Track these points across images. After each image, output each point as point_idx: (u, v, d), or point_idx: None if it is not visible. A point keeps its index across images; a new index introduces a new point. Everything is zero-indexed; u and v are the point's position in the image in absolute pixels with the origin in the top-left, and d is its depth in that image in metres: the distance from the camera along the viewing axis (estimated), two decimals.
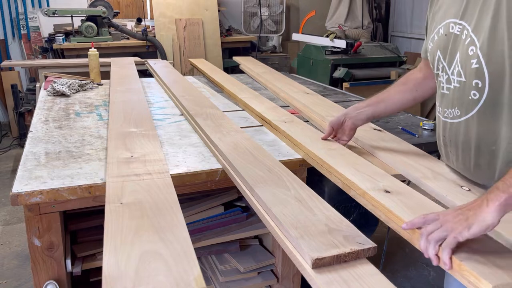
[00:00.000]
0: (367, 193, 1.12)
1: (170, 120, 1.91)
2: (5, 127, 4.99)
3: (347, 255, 0.88)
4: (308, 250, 0.87)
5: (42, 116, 1.93)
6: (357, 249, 0.89)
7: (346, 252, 0.87)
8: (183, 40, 5.07)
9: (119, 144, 1.47)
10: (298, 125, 1.71)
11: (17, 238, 2.87)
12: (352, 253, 0.88)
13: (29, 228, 1.26)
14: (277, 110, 1.94)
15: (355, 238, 0.93)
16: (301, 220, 0.99)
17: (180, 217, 1.00)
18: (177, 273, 0.80)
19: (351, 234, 0.94)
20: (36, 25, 5.12)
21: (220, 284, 1.65)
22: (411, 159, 1.38)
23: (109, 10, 4.65)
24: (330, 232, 0.94)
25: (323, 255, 0.86)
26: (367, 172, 1.25)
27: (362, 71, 4.14)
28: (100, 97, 2.32)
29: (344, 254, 0.87)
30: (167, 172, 1.26)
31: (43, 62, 3.79)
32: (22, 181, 1.25)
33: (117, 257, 0.84)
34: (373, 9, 6.12)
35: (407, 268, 2.57)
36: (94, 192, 1.26)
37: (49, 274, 1.30)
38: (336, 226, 0.97)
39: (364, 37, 5.36)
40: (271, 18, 5.67)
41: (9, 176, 3.80)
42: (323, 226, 0.97)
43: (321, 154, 1.39)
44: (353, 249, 0.88)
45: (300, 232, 0.94)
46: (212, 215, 1.63)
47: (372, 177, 1.21)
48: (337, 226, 0.97)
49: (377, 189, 1.13)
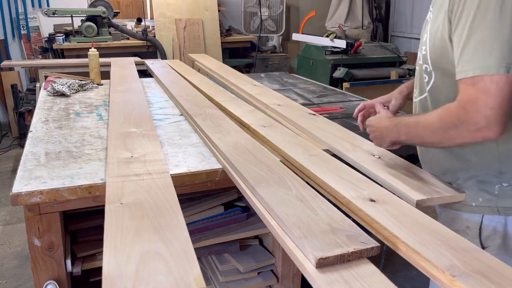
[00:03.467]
0: (352, 202, 1.10)
1: (170, 120, 1.91)
2: (5, 127, 4.99)
3: (351, 255, 0.87)
4: (311, 249, 0.87)
5: (42, 116, 1.93)
6: (360, 248, 0.88)
7: (350, 251, 0.87)
8: (183, 40, 5.07)
9: (119, 144, 1.47)
10: (277, 130, 1.66)
11: (17, 238, 2.87)
12: (355, 252, 0.88)
13: (29, 228, 1.26)
14: (256, 114, 1.87)
15: (358, 237, 0.92)
16: (304, 220, 0.98)
17: (180, 217, 1.00)
18: (177, 273, 0.80)
19: (354, 234, 0.94)
20: (36, 25, 5.12)
21: (220, 284, 1.65)
22: (336, 136, 1.59)
23: (109, 10, 4.65)
24: (333, 232, 0.94)
25: (327, 255, 0.85)
26: (351, 179, 1.22)
27: (362, 71, 4.14)
28: (100, 97, 2.32)
29: (347, 253, 0.87)
30: (167, 172, 1.26)
31: (43, 62, 3.79)
32: (22, 181, 1.25)
33: (117, 257, 0.84)
34: (373, 9, 6.12)
35: (407, 268, 2.56)
36: (94, 192, 1.25)
37: (49, 274, 1.30)
38: (339, 225, 0.97)
39: (364, 37, 5.37)
40: (271, 18, 5.68)
41: (9, 176, 3.80)
42: (326, 225, 0.97)
43: (301, 159, 1.35)
44: (356, 248, 0.88)
45: (303, 232, 0.93)
46: (212, 215, 1.63)
47: (356, 184, 1.19)
48: (340, 226, 0.97)
49: (362, 198, 1.11)
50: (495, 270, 0.83)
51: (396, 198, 1.13)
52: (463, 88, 0.99)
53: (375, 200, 1.10)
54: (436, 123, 1.05)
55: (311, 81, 3.01)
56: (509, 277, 0.81)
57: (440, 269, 0.84)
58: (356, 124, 1.52)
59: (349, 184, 1.19)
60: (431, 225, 0.99)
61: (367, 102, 1.50)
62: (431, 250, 0.89)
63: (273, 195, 1.10)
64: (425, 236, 0.94)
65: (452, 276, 0.82)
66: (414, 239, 0.93)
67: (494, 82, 0.94)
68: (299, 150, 1.44)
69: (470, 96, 0.97)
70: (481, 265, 0.85)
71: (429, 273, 0.87)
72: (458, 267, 0.84)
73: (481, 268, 0.84)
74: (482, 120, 0.95)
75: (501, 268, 0.84)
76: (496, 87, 0.94)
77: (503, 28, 0.95)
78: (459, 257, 0.87)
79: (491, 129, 0.95)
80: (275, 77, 3.09)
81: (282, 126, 1.74)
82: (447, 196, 1.16)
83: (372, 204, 1.08)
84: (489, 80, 0.94)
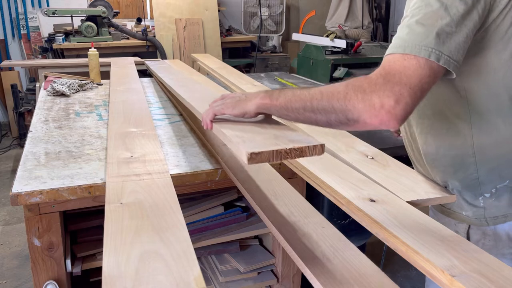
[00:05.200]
0: (352, 203, 1.09)
1: (170, 120, 1.91)
2: (5, 127, 4.98)
3: (289, 152, 0.82)
4: (244, 148, 0.82)
5: (42, 116, 1.93)
6: (300, 146, 0.82)
7: (288, 147, 0.82)
8: (183, 40, 5.07)
9: (119, 144, 1.47)
10: None
11: (17, 238, 2.87)
12: (295, 149, 0.82)
13: (29, 228, 1.26)
14: None
15: (302, 140, 0.86)
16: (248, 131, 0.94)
17: (180, 217, 1.00)
18: (177, 273, 0.80)
19: (301, 139, 0.88)
20: (36, 25, 5.12)
21: (220, 284, 1.65)
22: (330, 136, 1.55)
23: (109, 10, 4.65)
24: (276, 138, 0.88)
25: (259, 150, 0.80)
26: (350, 179, 1.21)
27: (362, 71, 4.13)
28: (100, 97, 2.32)
29: (285, 150, 0.81)
30: (167, 172, 1.26)
31: (43, 62, 3.79)
32: (22, 181, 1.25)
33: (117, 257, 0.84)
34: (373, 9, 6.12)
35: (407, 268, 2.56)
36: (94, 192, 1.25)
37: (49, 274, 1.30)
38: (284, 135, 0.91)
39: (364, 37, 5.36)
40: (271, 18, 5.67)
41: (9, 176, 3.80)
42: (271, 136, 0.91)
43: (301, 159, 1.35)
44: (296, 146, 0.82)
45: (243, 139, 0.88)
46: (212, 215, 1.63)
47: (356, 184, 1.18)
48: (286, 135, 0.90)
49: (362, 198, 1.10)
50: (495, 270, 0.83)
51: (396, 198, 1.12)
52: (388, 60, 0.91)
53: (375, 200, 1.09)
54: (338, 88, 0.91)
55: (311, 81, 3.01)
56: (509, 277, 0.81)
57: (440, 269, 0.84)
58: None
59: (349, 184, 1.18)
60: (431, 225, 0.99)
61: None
62: (431, 250, 0.89)
63: None
64: (425, 236, 0.94)
65: (451, 276, 0.81)
66: (414, 239, 0.93)
67: (421, 64, 0.87)
68: None
69: (392, 68, 0.88)
70: (481, 265, 0.85)
71: (428, 273, 0.87)
72: (458, 267, 0.84)
73: (481, 268, 0.83)
74: (393, 95, 0.85)
75: (501, 268, 0.84)
76: (423, 69, 0.87)
77: (443, 17, 0.90)
78: (459, 257, 0.87)
79: (396, 109, 0.84)
80: (275, 77, 3.09)
81: None
82: (438, 197, 1.15)
83: (372, 204, 1.07)
84: (420, 61, 0.87)
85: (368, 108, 0.85)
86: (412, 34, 0.91)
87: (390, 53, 0.92)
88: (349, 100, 0.87)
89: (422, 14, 0.92)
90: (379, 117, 0.85)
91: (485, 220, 1.12)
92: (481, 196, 1.11)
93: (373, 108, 0.85)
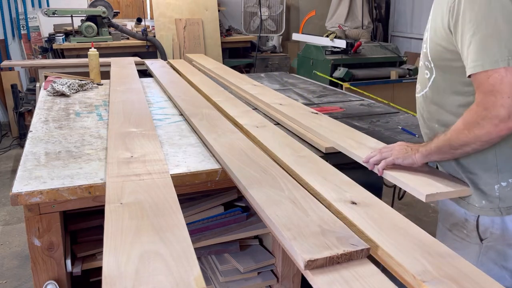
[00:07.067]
0: (332, 205, 1.10)
1: (170, 120, 1.91)
2: (5, 127, 4.98)
3: (340, 257, 0.87)
4: (300, 252, 0.87)
5: (42, 116, 1.93)
6: (350, 250, 0.88)
7: (339, 253, 0.87)
8: (183, 40, 5.07)
9: (119, 144, 1.47)
10: (269, 131, 1.65)
11: (17, 238, 2.86)
12: (345, 254, 0.87)
13: (29, 228, 1.25)
14: (251, 114, 1.87)
15: (348, 239, 0.92)
16: (295, 221, 0.98)
17: (180, 217, 1.00)
18: (177, 273, 0.80)
19: (345, 236, 0.93)
20: (36, 25, 5.12)
21: (220, 284, 1.65)
22: (341, 134, 1.59)
23: (109, 10, 4.65)
24: (323, 234, 0.94)
25: (315, 257, 0.85)
26: (335, 181, 1.22)
27: (362, 71, 4.14)
28: (100, 97, 2.32)
29: (337, 255, 0.86)
30: (167, 172, 1.26)
31: (43, 62, 3.79)
32: (22, 181, 1.25)
33: (117, 257, 0.84)
34: (373, 9, 6.12)
35: None
36: (94, 192, 1.25)
37: (49, 274, 1.30)
38: (329, 227, 0.97)
39: (364, 37, 5.36)
40: (271, 18, 5.67)
41: (9, 176, 3.80)
42: (316, 227, 0.96)
43: (289, 161, 1.36)
44: (346, 250, 0.87)
45: (293, 234, 0.93)
46: (212, 215, 1.63)
47: (340, 187, 1.19)
48: (330, 227, 0.96)
49: (343, 200, 1.11)
50: (468, 277, 0.82)
51: (378, 201, 1.12)
52: (477, 84, 1.03)
53: (357, 203, 1.10)
54: (460, 126, 1.08)
55: (311, 81, 3.01)
56: (482, 284, 0.80)
57: (411, 273, 0.83)
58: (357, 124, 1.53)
59: (333, 186, 1.19)
60: (410, 230, 0.99)
61: None
62: (405, 254, 0.89)
63: (265, 196, 1.10)
64: (402, 240, 0.94)
65: (422, 281, 0.81)
66: (389, 243, 0.93)
67: (509, 73, 0.98)
68: (288, 151, 1.44)
69: (485, 91, 1.01)
70: (455, 271, 0.84)
71: (401, 277, 0.87)
72: (430, 273, 0.83)
73: (454, 274, 0.83)
74: (502, 110, 0.99)
75: (475, 275, 0.83)
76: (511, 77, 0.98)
77: (502, 25, 1.00)
78: (433, 262, 0.86)
79: None
80: (275, 77, 3.09)
81: (275, 127, 1.74)
82: (455, 190, 1.18)
83: (353, 207, 1.08)
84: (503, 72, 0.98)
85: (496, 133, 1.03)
86: (484, 49, 1.01)
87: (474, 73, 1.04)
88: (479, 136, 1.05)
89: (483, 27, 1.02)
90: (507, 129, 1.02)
91: (499, 210, 1.16)
92: (497, 184, 1.16)
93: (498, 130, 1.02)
